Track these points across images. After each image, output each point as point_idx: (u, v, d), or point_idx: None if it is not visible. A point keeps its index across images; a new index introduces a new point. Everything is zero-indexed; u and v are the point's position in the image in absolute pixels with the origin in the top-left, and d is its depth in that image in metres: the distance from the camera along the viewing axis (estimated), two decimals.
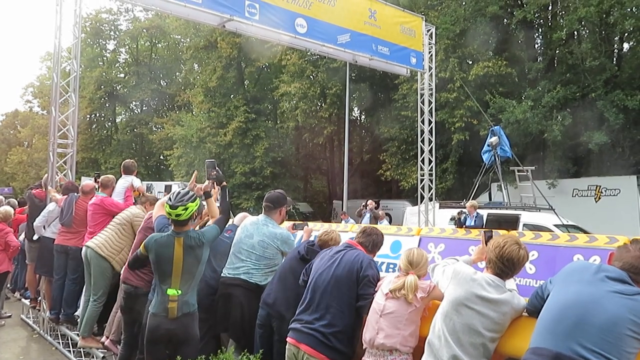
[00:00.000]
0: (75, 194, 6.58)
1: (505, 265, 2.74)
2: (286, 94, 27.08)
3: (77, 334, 6.06)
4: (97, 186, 6.75)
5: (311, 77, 27.11)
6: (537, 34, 23.30)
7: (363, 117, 34.49)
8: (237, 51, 28.51)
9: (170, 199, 3.59)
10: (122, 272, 4.75)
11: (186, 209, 3.55)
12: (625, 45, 21.39)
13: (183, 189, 3.73)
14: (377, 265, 3.58)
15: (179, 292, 3.52)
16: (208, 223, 4.59)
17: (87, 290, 5.96)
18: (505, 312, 2.66)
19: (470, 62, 21.66)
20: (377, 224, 14.40)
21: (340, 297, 3.32)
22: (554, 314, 2.33)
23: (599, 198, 17.26)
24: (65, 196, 6.60)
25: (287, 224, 4.91)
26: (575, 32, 20.73)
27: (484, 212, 12.22)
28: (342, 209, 20.05)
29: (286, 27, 9.04)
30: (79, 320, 6.14)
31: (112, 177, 6.79)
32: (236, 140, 27.58)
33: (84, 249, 5.83)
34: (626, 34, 20.39)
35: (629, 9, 17.75)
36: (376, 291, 3.29)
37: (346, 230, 6.30)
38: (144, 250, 3.64)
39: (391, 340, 3.04)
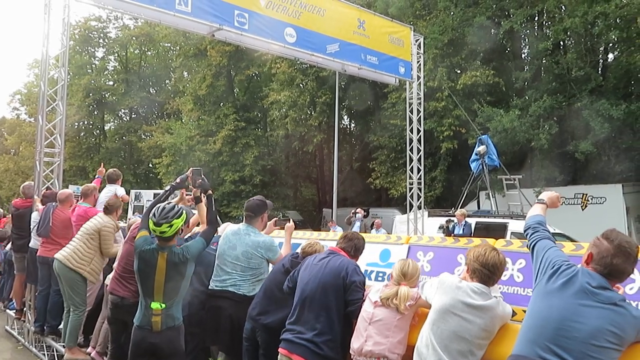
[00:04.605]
0: (53, 203, 6.43)
1: (490, 271, 2.79)
2: (276, 102, 27.13)
3: (63, 346, 5.98)
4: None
5: (301, 85, 27.20)
6: (523, 44, 23.62)
7: (353, 125, 34.62)
8: (227, 59, 28.52)
9: (154, 214, 3.48)
10: (109, 282, 4.70)
11: (171, 225, 3.45)
12: (610, 56, 21.76)
13: (168, 204, 3.62)
14: (364, 272, 3.62)
15: (163, 305, 3.46)
16: (196, 229, 4.57)
17: (66, 301, 5.87)
18: (492, 318, 2.71)
19: (459, 72, 21.85)
20: (370, 232, 14.48)
21: (328, 304, 3.33)
22: (536, 324, 2.35)
23: (586, 206, 17.43)
24: (44, 206, 6.50)
25: (270, 222, 4.88)
26: (561, 43, 21.03)
27: (473, 221, 12.32)
28: (332, 217, 20.05)
29: (276, 37, 9.08)
30: (62, 331, 6.06)
31: (93, 186, 6.72)
32: (226, 149, 27.53)
33: (54, 261, 5.68)
34: (610, 45, 20.77)
35: (612, 20, 18.04)
36: (364, 299, 3.33)
37: (335, 239, 6.30)
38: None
39: (379, 347, 3.08)
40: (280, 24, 9.10)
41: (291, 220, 4.82)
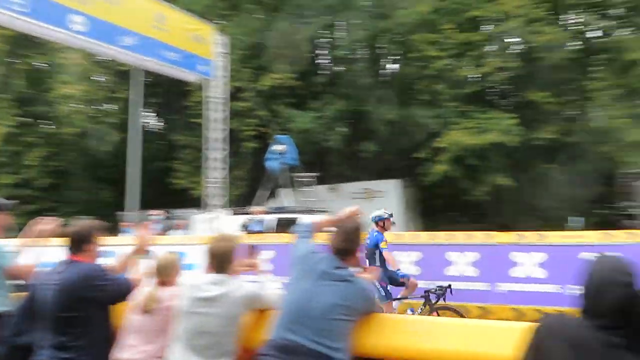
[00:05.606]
0: None
1: (218, 260, 2.88)
2: (67, 96, 24.70)
3: None
4: None
5: (98, 79, 25.22)
6: (322, 51, 25.48)
7: (158, 124, 33.23)
8: (10, 45, 25.01)
9: None
10: None
11: None
12: (394, 66, 24.76)
13: None
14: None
15: None
16: None
17: None
18: (232, 304, 2.75)
19: (263, 73, 22.61)
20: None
21: (75, 317, 3.00)
22: (284, 311, 2.61)
23: (370, 200, 19.60)
24: None
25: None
26: (353, 52, 23.27)
27: (274, 217, 12.96)
28: (123, 219, 19.13)
29: (59, 23, 8.34)
30: None
31: None
32: (4, 148, 24.21)
33: None
34: (393, 57, 23.66)
35: (392, 35, 20.68)
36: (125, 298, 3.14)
37: (121, 244, 5.99)
38: None
39: (140, 355, 2.96)
40: (63, 9, 8.34)
41: (46, 222, 3.89)
